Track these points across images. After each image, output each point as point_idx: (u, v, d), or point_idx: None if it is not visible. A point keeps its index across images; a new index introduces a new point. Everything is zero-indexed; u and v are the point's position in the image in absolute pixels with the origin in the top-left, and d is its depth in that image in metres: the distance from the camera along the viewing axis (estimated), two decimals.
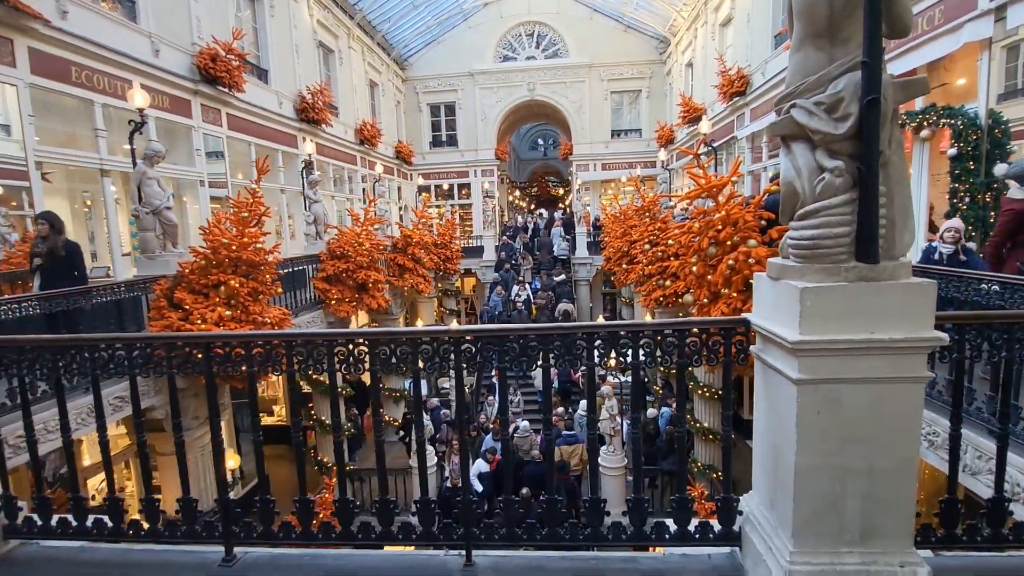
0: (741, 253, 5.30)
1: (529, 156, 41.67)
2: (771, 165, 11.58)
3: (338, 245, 9.99)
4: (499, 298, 16.80)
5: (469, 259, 21.12)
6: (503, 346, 2.12)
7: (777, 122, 1.82)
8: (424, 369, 2.21)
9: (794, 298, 1.70)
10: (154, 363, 2.38)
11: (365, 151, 17.68)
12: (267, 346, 2.33)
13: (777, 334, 1.78)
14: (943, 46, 6.28)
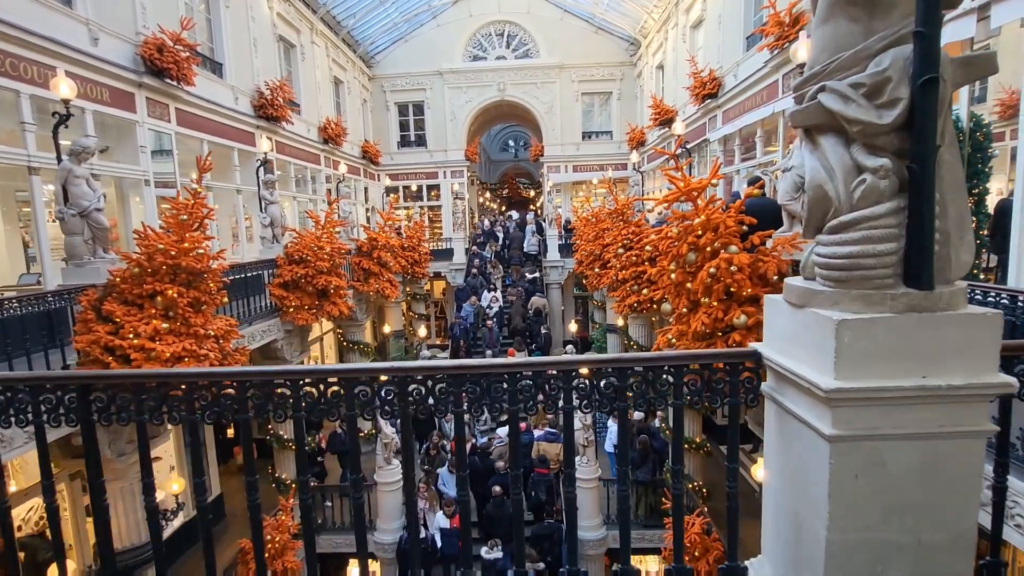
0: (723, 260, 5.01)
1: (500, 158, 41.31)
2: (744, 168, 11.45)
3: (296, 249, 9.40)
4: (471, 308, 16.30)
5: (439, 262, 20.62)
6: (460, 388, 1.71)
7: (800, 110, 1.46)
8: (363, 416, 1.78)
9: (827, 332, 1.34)
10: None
11: (329, 150, 17.02)
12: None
13: (802, 377, 1.41)
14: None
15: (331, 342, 16.40)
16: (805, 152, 1.48)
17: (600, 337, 18.32)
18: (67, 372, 3.90)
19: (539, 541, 9.10)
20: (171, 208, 5.55)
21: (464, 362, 1.68)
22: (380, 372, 1.71)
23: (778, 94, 9.93)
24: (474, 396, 1.66)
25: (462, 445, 1.92)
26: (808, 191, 1.44)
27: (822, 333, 1.35)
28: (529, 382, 1.67)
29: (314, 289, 9.51)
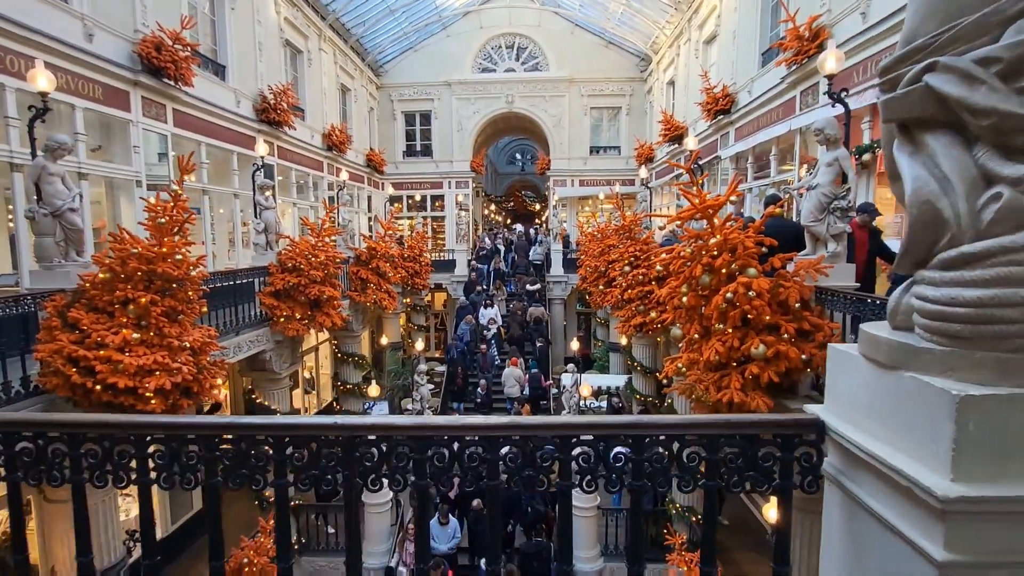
0: (740, 284, 4.60)
1: (507, 170, 41.16)
2: (757, 187, 11.06)
3: (290, 257, 9.04)
4: (467, 327, 15.80)
5: (440, 274, 20.24)
6: (424, 452, 1.31)
7: (898, 97, 1.06)
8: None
9: (939, 411, 0.94)
10: None
11: (333, 157, 16.75)
12: None
13: (896, 469, 1.00)
14: None
15: (327, 352, 16.00)
16: (900, 156, 1.08)
17: (602, 356, 17.86)
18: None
19: (528, 560, 8.61)
20: (147, 211, 5.18)
21: (431, 421, 1.28)
22: (323, 429, 1.31)
23: (795, 111, 9.57)
24: (440, 466, 1.25)
25: (425, 534, 1.47)
26: (910, 207, 1.03)
27: (930, 411, 0.95)
28: (515, 449, 1.26)
29: (306, 299, 9.13)
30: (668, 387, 5.77)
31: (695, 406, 5.13)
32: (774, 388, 4.66)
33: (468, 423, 1.30)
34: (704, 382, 4.85)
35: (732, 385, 4.68)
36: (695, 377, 4.93)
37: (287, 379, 9.87)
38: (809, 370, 4.73)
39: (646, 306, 9.00)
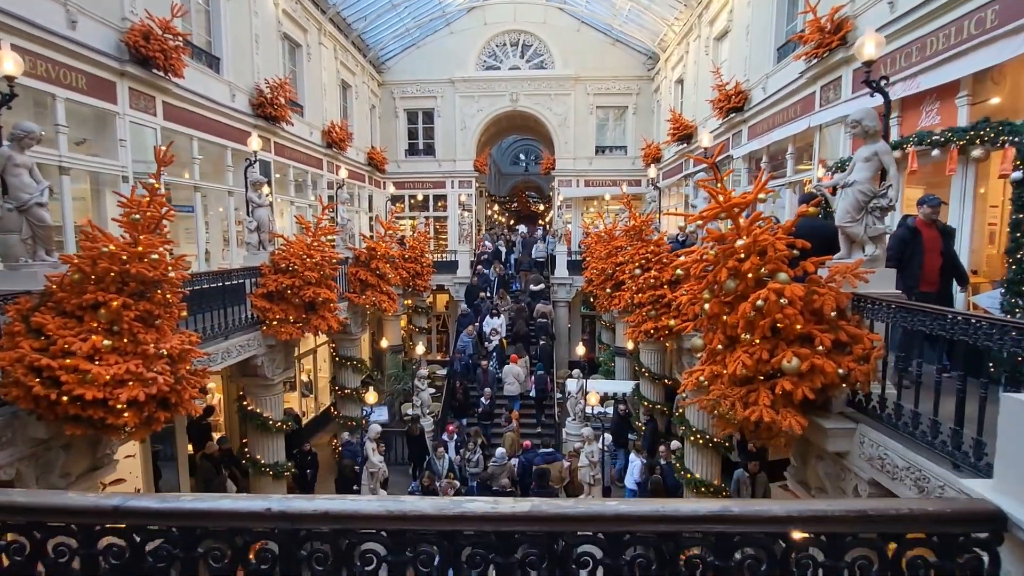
0: (771, 291, 4.15)
1: (511, 171, 40.73)
2: (775, 187, 10.60)
3: (283, 257, 8.62)
4: (469, 339, 15.24)
5: (442, 275, 19.84)
6: (402, 555, 0.87)
7: None
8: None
9: None
10: None
11: (333, 155, 16.34)
12: None
13: None
14: (997, 52, 5.31)
15: (327, 354, 15.59)
16: None
17: (608, 360, 17.42)
18: None
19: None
20: (121, 206, 4.76)
21: (412, 508, 0.85)
22: (252, 519, 0.88)
23: (814, 107, 9.11)
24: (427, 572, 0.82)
25: None
26: None
27: None
28: (533, 553, 0.83)
29: (301, 301, 8.70)
30: (685, 400, 5.32)
31: (717, 422, 4.68)
32: (806, 404, 4.22)
33: (467, 511, 0.87)
34: (729, 397, 4.40)
35: (761, 402, 4.23)
36: (719, 392, 4.49)
37: (280, 385, 9.44)
38: (845, 385, 4.28)
39: (657, 311, 8.55)
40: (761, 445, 5.94)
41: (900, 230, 5.15)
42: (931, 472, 3.44)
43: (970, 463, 3.22)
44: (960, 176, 5.72)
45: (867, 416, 4.20)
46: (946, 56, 6.05)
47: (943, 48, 6.14)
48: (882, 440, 3.92)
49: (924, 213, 5.05)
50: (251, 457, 9.26)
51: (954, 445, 3.34)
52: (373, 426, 9.26)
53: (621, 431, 12.34)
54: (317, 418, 15.39)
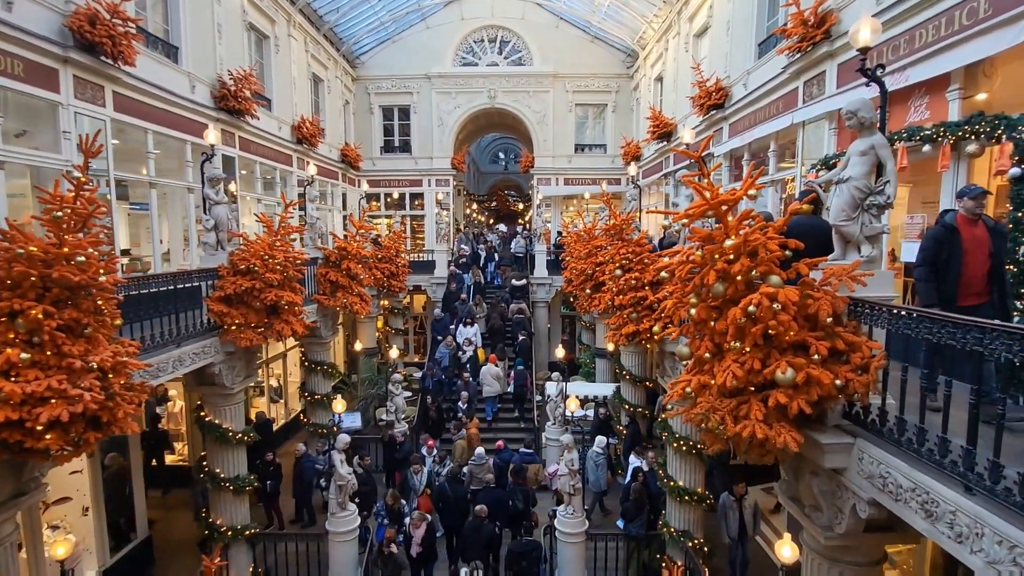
0: (764, 295, 3.82)
1: (489, 169, 40.34)
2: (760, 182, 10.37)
3: (242, 258, 8.08)
4: (447, 350, 14.64)
5: (419, 275, 19.33)
6: None
7: None
8: None
9: None
10: None
11: (303, 151, 15.73)
12: None
13: None
14: (992, 43, 5.08)
15: (297, 358, 14.98)
16: None
17: (588, 361, 17.12)
18: None
19: (517, 559, 8.25)
20: (41, 202, 4.24)
21: None
22: None
23: (797, 103, 8.89)
24: None
25: None
26: None
27: None
28: None
29: (262, 305, 8.18)
30: (670, 411, 4.97)
31: (705, 437, 4.34)
32: (801, 418, 3.89)
33: None
34: (719, 411, 4.06)
35: (753, 416, 3.90)
36: (707, 404, 4.14)
37: (241, 394, 8.89)
38: (843, 396, 3.97)
39: (639, 313, 8.22)
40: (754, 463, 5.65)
41: (935, 228, 4.39)
42: (940, 495, 3.13)
43: (985, 487, 2.91)
44: (952, 172, 5.47)
45: (866, 430, 3.89)
46: (936, 48, 5.81)
47: (933, 40, 5.90)
48: (884, 457, 3.61)
49: (966, 207, 4.28)
50: (210, 471, 8.69)
51: (966, 466, 3.04)
52: (341, 436, 8.76)
53: (601, 435, 12.01)
54: (288, 424, 14.80)
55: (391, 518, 9.10)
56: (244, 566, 8.96)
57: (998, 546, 2.74)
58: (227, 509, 8.83)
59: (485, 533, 8.54)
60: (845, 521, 4.03)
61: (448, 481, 9.56)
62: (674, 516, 8.65)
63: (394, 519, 9.04)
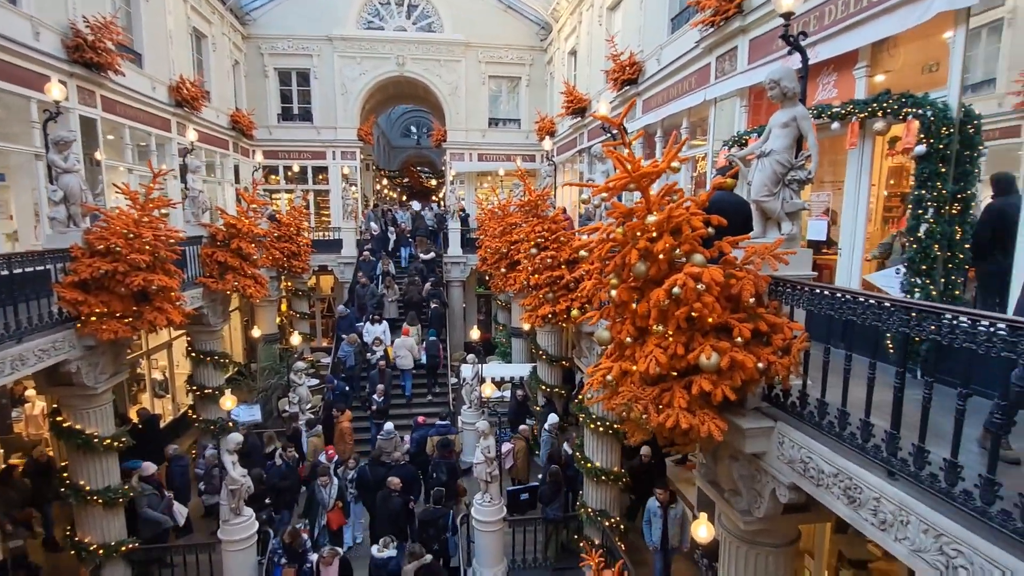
0: (688, 275, 3.55)
1: (401, 144, 38.76)
2: None
3: (101, 237, 6.90)
4: (351, 348, 13.35)
5: (325, 254, 18.13)
6: None
7: None
8: None
9: None
10: None
11: (184, 115, 13.99)
12: None
13: None
14: (898, 21, 5.11)
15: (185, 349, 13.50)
16: None
17: (505, 341, 16.88)
18: None
19: (425, 527, 8.22)
20: None
21: None
22: None
23: (709, 79, 8.86)
24: None
25: None
26: None
27: None
28: None
29: (128, 291, 7.04)
30: (590, 399, 4.70)
31: (628, 427, 4.08)
32: (722, 402, 3.71)
33: None
34: (641, 400, 3.79)
35: (676, 404, 3.66)
36: (629, 394, 3.86)
37: (108, 394, 7.71)
38: (764, 379, 3.83)
39: (555, 293, 7.94)
40: (678, 452, 5.51)
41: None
42: (863, 481, 3.03)
43: (909, 472, 2.82)
44: (859, 150, 5.54)
45: (786, 413, 3.78)
46: (845, 25, 5.83)
47: (842, 16, 5.91)
48: (805, 441, 3.50)
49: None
50: (72, 484, 7.51)
51: (890, 451, 2.94)
52: (231, 436, 7.84)
53: (519, 416, 11.83)
54: (177, 421, 13.35)
55: (290, 557, 7.64)
56: None
57: (924, 534, 2.65)
58: (97, 525, 7.71)
59: (393, 506, 8.26)
60: (764, 506, 3.94)
61: (369, 464, 9.21)
62: (591, 496, 8.59)
63: (294, 558, 7.62)
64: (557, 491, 8.73)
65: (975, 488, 2.46)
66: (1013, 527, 2.28)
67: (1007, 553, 2.25)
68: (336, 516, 8.82)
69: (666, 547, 7.50)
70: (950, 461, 2.59)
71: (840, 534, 6.71)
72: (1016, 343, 2.29)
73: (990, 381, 3.03)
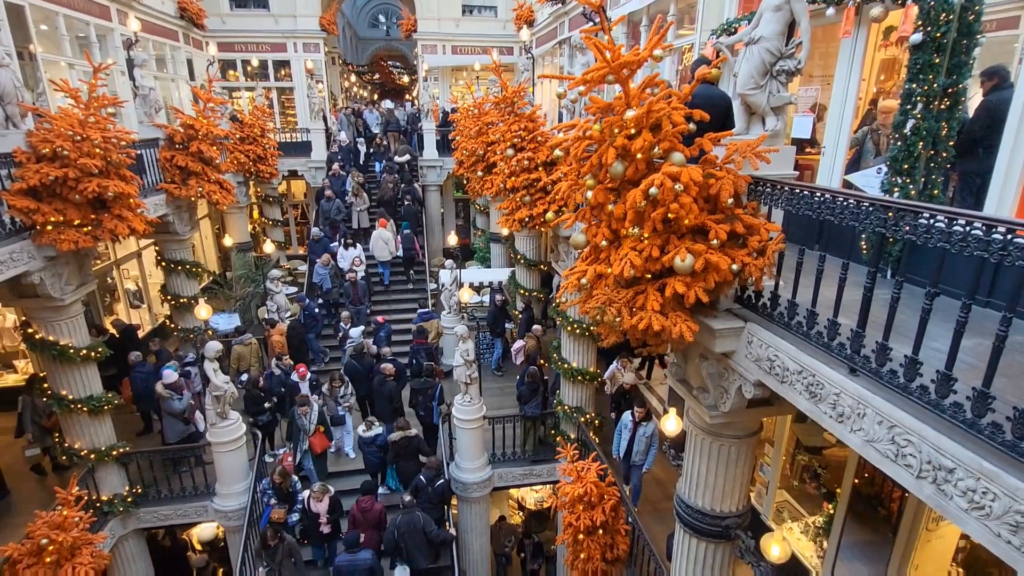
0: (666, 175, 3.41)
1: (369, 35, 36.04)
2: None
3: (45, 140, 6.40)
4: (325, 271, 12.92)
5: (294, 158, 17.37)
6: None
7: None
8: None
9: None
10: None
11: (125, 2, 12.64)
12: None
13: None
14: None
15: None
16: None
17: (484, 246, 16.79)
18: None
19: (415, 395, 9.41)
20: None
21: None
22: None
23: None
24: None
25: None
26: None
27: None
28: None
29: (83, 198, 6.67)
30: (565, 303, 4.70)
31: (601, 329, 4.12)
32: (695, 304, 3.73)
33: None
34: (615, 303, 3.79)
35: (649, 307, 3.67)
36: (603, 297, 3.85)
37: (78, 305, 7.55)
38: (737, 281, 3.84)
39: (532, 197, 7.75)
40: (649, 353, 5.61)
41: None
42: (826, 377, 3.12)
43: (870, 368, 2.90)
44: (851, 40, 5.23)
45: (757, 314, 3.83)
46: None
47: None
48: (773, 341, 3.56)
49: None
50: (55, 394, 7.54)
51: (853, 348, 3.00)
52: (211, 344, 7.85)
53: (498, 321, 12.03)
54: (156, 331, 13.33)
55: (280, 498, 7.84)
56: (117, 488, 8.24)
57: (878, 426, 2.77)
58: (85, 432, 7.86)
59: (387, 389, 9.24)
60: (730, 401, 4.09)
61: (354, 357, 10.04)
62: (568, 395, 8.95)
63: (283, 498, 7.84)
64: (535, 390, 9.07)
65: (931, 383, 2.53)
66: (963, 418, 2.38)
67: (955, 443, 2.36)
68: (318, 440, 8.83)
69: (628, 460, 7.82)
70: (911, 358, 2.65)
71: (799, 423, 7.16)
72: (990, 243, 2.25)
73: (959, 282, 3.06)
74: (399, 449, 8.37)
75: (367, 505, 7.67)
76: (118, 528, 8.25)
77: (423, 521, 7.34)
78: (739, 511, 4.77)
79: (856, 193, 3.07)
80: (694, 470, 4.81)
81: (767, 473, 7.45)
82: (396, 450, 8.40)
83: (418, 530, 7.30)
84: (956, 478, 2.36)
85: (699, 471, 4.76)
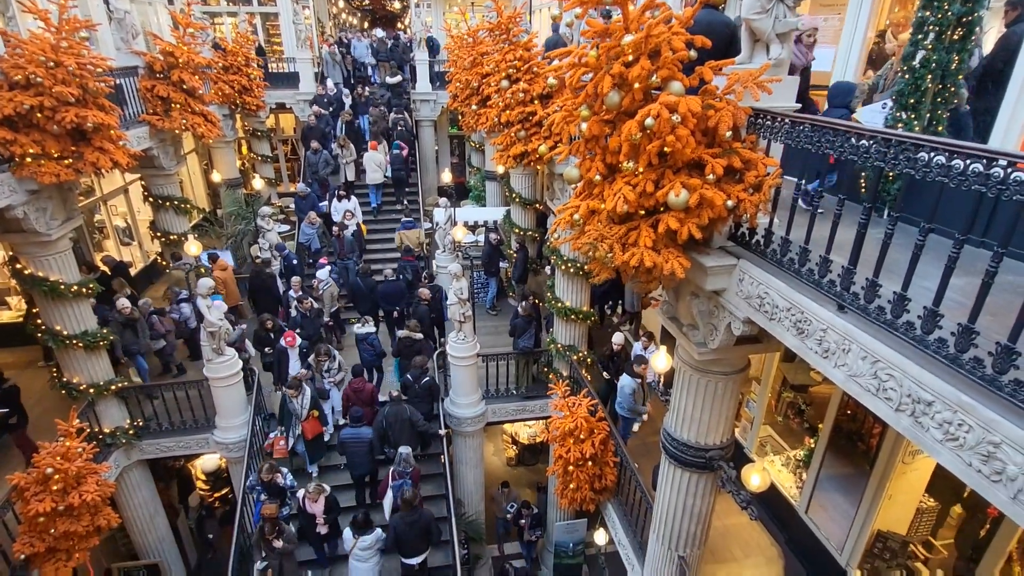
0: (663, 105, 3.28)
1: None
2: None
3: (15, 66, 6.10)
4: (312, 230, 12.18)
5: (281, 90, 16.73)
6: None
7: None
8: None
9: None
10: None
11: None
12: None
13: None
14: None
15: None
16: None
17: (479, 185, 16.50)
18: None
19: (418, 303, 10.01)
20: None
21: None
22: None
23: None
24: None
25: None
26: None
27: None
28: None
29: (61, 129, 6.44)
30: (558, 239, 4.66)
31: (593, 266, 4.10)
32: (688, 241, 3.70)
33: None
34: (607, 239, 3.75)
35: (642, 243, 3.63)
36: (595, 232, 3.80)
37: (65, 240, 7.45)
38: (732, 217, 3.78)
39: (527, 131, 7.53)
40: (640, 291, 5.58)
41: None
42: (814, 314, 3.13)
43: (858, 305, 2.90)
44: None
45: (750, 251, 3.79)
46: None
47: None
48: (765, 278, 3.55)
49: None
50: (49, 330, 7.57)
51: (843, 286, 2.99)
52: (203, 280, 7.81)
53: (492, 260, 11.99)
54: (148, 268, 13.26)
55: (270, 493, 7.18)
56: (119, 421, 8.43)
57: (862, 361, 2.80)
58: (82, 367, 7.95)
59: (420, 312, 9.79)
60: (719, 338, 4.13)
61: (360, 278, 10.48)
62: (561, 333, 9.06)
63: (275, 493, 7.20)
64: (529, 324, 9.16)
65: (918, 319, 2.54)
66: (946, 353, 2.40)
67: (935, 377, 2.39)
68: (311, 425, 8.05)
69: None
70: (899, 294, 2.64)
71: (787, 363, 7.29)
72: (989, 176, 2.19)
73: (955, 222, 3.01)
74: (402, 347, 8.99)
75: (359, 385, 8.30)
76: (122, 459, 8.50)
77: (409, 412, 7.78)
78: (723, 444, 4.93)
79: (858, 126, 2.97)
80: (681, 405, 4.92)
81: (752, 409, 7.67)
82: (400, 347, 9.08)
83: (404, 420, 7.76)
84: (934, 411, 2.40)
85: (686, 406, 4.88)
